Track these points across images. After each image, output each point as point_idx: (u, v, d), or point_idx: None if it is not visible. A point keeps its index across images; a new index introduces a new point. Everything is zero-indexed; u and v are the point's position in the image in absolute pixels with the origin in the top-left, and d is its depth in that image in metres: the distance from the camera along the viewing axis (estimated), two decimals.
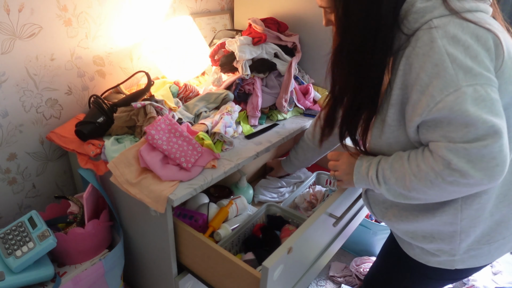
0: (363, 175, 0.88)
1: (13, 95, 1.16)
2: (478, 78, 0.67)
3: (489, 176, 0.67)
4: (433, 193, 0.76)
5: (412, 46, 0.73)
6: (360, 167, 0.89)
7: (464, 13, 0.71)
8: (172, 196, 0.96)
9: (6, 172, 1.23)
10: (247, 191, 1.44)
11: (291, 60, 1.40)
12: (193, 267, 1.08)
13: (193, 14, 1.62)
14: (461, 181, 0.69)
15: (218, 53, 1.45)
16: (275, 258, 0.84)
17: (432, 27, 0.70)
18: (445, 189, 0.73)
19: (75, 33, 1.25)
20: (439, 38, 0.69)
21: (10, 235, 1.04)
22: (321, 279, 1.75)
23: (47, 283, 1.06)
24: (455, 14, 0.71)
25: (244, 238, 1.19)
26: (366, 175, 0.87)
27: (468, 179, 0.68)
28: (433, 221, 0.85)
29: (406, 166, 0.78)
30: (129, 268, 1.32)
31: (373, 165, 0.86)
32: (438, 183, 0.72)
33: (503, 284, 1.79)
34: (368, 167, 0.87)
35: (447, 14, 0.71)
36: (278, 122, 1.40)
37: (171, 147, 1.04)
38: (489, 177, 0.68)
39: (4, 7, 1.06)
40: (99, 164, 1.13)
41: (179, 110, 1.25)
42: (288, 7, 1.52)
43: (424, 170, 0.73)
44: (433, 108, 0.69)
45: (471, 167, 0.67)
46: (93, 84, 1.37)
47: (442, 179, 0.71)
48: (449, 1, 0.72)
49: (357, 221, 1.41)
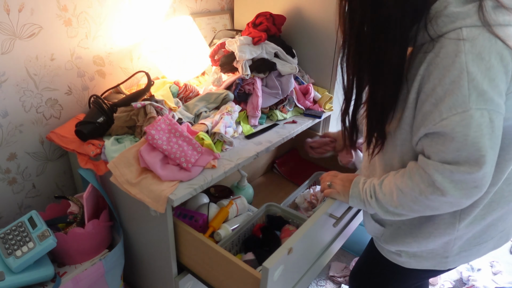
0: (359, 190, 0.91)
1: (13, 95, 1.16)
2: (488, 104, 0.67)
3: (467, 196, 0.72)
4: (417, 209, 0.79)
5: (435, 53, 0.71)
6: (358, 183, 0.93)
7: (495, 26, 0.68)
8: (172, 196, 0.96)
9: (6, 172, 1.23)
10: (247, 191, 1.44)
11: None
12: (193, 267, 1.08)
13: (193, 14, 1.62)
14: (442, 199, 0.73)
15: (218, 53, 1.45)
16: (275, 259, 0.84)
17: (460, 39, 0.68)
18: (427, 206, 0.77)
19: (75, 33, 1.25)
20: (463, 53, 0.67)
21: (10, 235, 1.04)
22: (321, 279, 1.75)
23: (47, 283, 1.06)
24: (486, 27, 0.68)
25: (244, 238, 1.18)
26: (362, 190, 0.90)
27: (447, 198, 0.72)
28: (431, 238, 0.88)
29: (393, 182, 0.81)
30: (129, 268, 1.32)
31: (368, 181, 0.89)
32: (421, 200, 0.76)
33: (503, 284, 1.79)
34: (364, 183, 0.91)
35: (478, 25, 0.68)
36: (278, 122, 1.40)
37: (171, 147, 1.04)
38: (467, 197, 0.72)
39: (4, 7, 1.06)
40: (99, 164, 1.13)
41: (179, 110, 1.25)
42: (288, 7, 1.52)
43: (410, 186, 0.76)
44: (438, 123, 0.70)
45: (452, 187, 0.71)
46: (93, 84, 1.36)
47: (425, 196, 0.75)
48: (485, 10, 0.68)
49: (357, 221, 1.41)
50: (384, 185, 0.84)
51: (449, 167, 0.70)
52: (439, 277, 1.79)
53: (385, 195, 0.83)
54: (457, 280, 1.82)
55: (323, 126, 1.66)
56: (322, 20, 1.46)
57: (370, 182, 0.89)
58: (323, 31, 1.46)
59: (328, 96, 1.50)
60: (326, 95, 1.51)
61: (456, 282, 1.81)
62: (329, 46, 1.47)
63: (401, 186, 0.79)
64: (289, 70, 1.40)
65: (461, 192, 0.71)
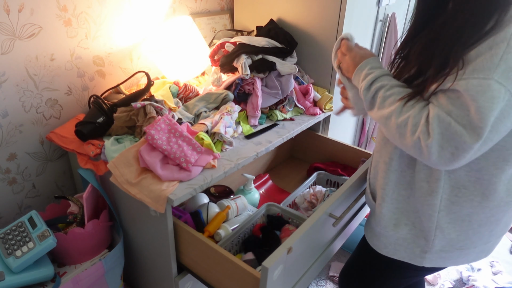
0: (359, 78, 0.88)
1: (13, 95, 1.16)
2: (510, 83, 0.66)
3: (440, 156, 0.71)
4: (392, 126, 0.78)
5: None
6: (361, 71, 0.88)
7: None
8: (172, 196, 0.96)
9: (6, 172, 1.23)
10: (253, 195, 1.44)
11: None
12: (193, 267, 1.08)
13: (193, 14, 1.63)
14: (422, 142, 0.72)
15: (218, 53, 1.45)
16: (275, 258, 0.84)
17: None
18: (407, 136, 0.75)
19: (75, 33, 1.25)
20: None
21: (10, 235, 1.04)
22: (321, 279, 1.75)
23: (47, 283, 1.06)
24: None
25: (244, 238, 1.19)
26: (361, 81, 0.87)
27: (427, 143, 0.71)
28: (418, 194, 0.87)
29: (402, 100, 0.78)
30: (129, 268, 1.32)
31: (371, 76, 0.84)
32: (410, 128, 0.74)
33: (503, 284, 1.79)
34: (366, 76, 0.86)
35: None
36: (278, 122, 1.40)
37: (171, 147, 1.04)
38: (440, 157, 0.71)
39: (4, 7, 1.06)
40: (99, 164, 1.13)
41: (179, 110, 1.25)
42: (288, 7, 1.52)
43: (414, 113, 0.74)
44: (456, 81, 0.68)
45: (438, 139, 0.70)
46: (93, 84, 1.37)
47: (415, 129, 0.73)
48: None
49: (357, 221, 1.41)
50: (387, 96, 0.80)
51: (449, 119, 0.69)
52: (439, 277, 1.79)
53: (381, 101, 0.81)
54: (457, 280, 1.82)
55: (323, 126, 1.66)
56: (322, 20, 1.46)
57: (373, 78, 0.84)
58: (323, 31, 1.46)
59: (328, 96, 1.50)
60: (326, 95, 1.51)
61: (456, 282, 1.81)
62: (329, 46, 1.47)
63: (406, 108, 0.76)
64: (289, 70, 1.40)
65: (439, 149, 0.70)
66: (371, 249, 1.01)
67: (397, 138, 0.78)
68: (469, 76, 0.67)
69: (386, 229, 0.94)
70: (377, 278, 1.07)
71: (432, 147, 0.71)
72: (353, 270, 1.16)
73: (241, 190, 1.44)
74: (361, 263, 1.12)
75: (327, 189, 1.38)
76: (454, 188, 0.82)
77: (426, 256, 0.91)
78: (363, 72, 0.87)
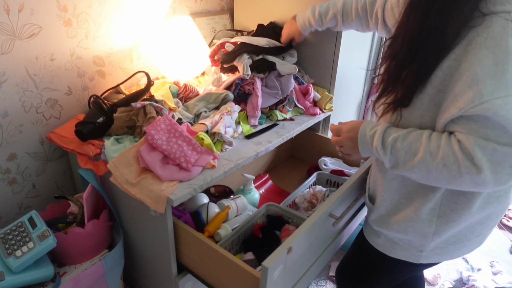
0: (368, 145, 0.86)
1: (13, 95, 1.16)
2: None
3: (497, 180, 0.69)
4: (435, 176, 0.75)
5: (478, 32, 0.68)
6: (364, 137, 0.86)
7: None
8: (172, 196, 0.96)
9: (6, 172, 1.23)
10: (253, 195, 1.44)
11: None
12: (193, 267, 1.08)
13: (193, 14, 1.63)
14: (473, 176, 0.70)
15: (218, 53, 1.45)
16: (274, 258, 0.84)
17: (509, 20, 0.66)
18: (452, 177, 0.72)
19: (75, 33, 1.25)
20: (511, 37, 0.65)
21: (10, 235, 1.04)
22: (321, 279, 1.75)
23: (47, 283, 1.06)
24: None
25: (244, 238, 1.18)
26: (371, 145, 0.85)
27: (480, 176, 0.69)
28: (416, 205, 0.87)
29: (425, 143, 0.75)
30: (129, 268, 1.32)
31: (378, 134, 0.83)
32: (451, 169, 0.71)
33: (503, 284, 1.79)
34: (373, 137, 0.84)
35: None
36: (278, 122, 1.40)
37: (170, 147, 1.04)
38: (497, 181, 0.69)
39: (4, 7, 1.06)
40: (99, 164, 1.13)
41: (179, 110, 1.25)
42: (288, 7, 1.52)
43: (446, 152, 0.72)
44: (477, 106, 0.67)
45: (489, 167, 0.68)
46: (93, 84, 1.37)
47: (457, 167, 0.71)
48: None
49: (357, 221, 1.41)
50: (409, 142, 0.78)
51: (492, 144, 0.67)
52: (439, 277, 1.79)
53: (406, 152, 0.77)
54: (457, 280, 1.82)
55: (323, 126, 1.66)
56: None
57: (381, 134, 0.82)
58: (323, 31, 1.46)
59: (328, 96, 1.50)
60: (326, 95, 1.51)
61: (456, 282, 1.81)
62: (329, 46, 1.47)
63: (433, 150, 0.73)
64: (289, 70, 1.40)
65: (495, 175, 0.68)
66: (368, 245, 1.02)
67: (445, 182, 0.75)
68: (490, 98, 0.66)
69: (383, 229, 0.96)
70: (373, 273, 1.08)
71: (486, 177, 0.68)
72: (349, 266, 1.17)
73: (241, 190, 1.44)
74: (357, 259, 1.13)
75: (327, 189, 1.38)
76: (454, 195, 0.83)
77: (422, 255, 0.93)
78: (366, 138, 0.85)
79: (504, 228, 2.20)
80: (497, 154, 0.67)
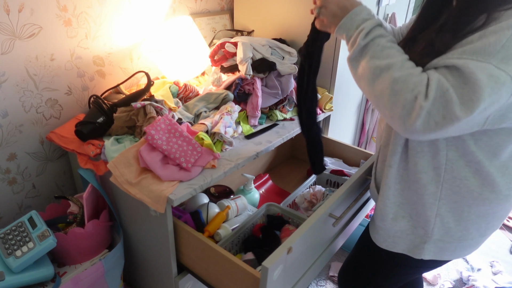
0: (354, 24, 0.80)
1: (13, 95, 1.16)
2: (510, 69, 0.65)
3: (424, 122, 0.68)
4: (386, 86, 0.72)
5: None
6: (356, 15, 0.80)
7: None
8: (172, 196, 0.96)
9: (6, 172, 1.23)
10: (253, 195, 1.44)
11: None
12: (193, 267, 1.08)
13: (193, 14, 1.63)
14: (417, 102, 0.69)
15: (218, 53, 1.45)
16: (274, 258, 0.84)
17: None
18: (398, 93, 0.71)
19: (75, 33, 1.25)
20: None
21: (10, 235, 1.04)
22: (321, 279, 1.75)
23: (47, 283, 1.06)
24: None
25: (244, 238, 1.19)
26: (357, 27, 0.79)
27: (422, 105, 0.68)
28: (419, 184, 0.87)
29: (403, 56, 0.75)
30: (129, 268, 1.32)
31: (371, 23, 0.78)
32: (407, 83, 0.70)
33: (503, 284, 1.79)
34: (365, 22, 0.79)
35: None
36: (278, 122, 1.40)
37: (171, 147, 1.04)
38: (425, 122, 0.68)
39: (4, 7, 1.06)
40: (99, 164, 1.13)
41: (179, 110, 1.25)
42: (288, 7, 1.52)
43: (415, 71, 0.71)
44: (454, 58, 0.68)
45: (431, 103, 0.67)
46: (93, 84, 1.37)
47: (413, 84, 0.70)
48: None
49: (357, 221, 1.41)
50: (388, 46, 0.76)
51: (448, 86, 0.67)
52: (439, 277, 1.79)
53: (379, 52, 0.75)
54: (457, 280, 1.82)
55: (323, 126, 1.66)
56: None
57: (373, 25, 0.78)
58: None
59: (328, 96, 1.50)
60: (326, 95, 1.51)
61: (456, 282, 1.81)
62: (329, 46, 1.47)
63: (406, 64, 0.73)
64: (289, 70, 1.40)
65: (427, 115, 0.68)
66: (370, 246, 1.01)
67: (387, 93, 0.73)
68: (468, 57, 0.67)
69: (385, 222, 0.95)
70: (375, 276, 1.08)
71: (423, 110, 0.68)
72: (351, 269, 1.17)
73: (241, 190, 1.44)
74: (359, 261, 1.13)
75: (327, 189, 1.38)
76: (456, 179, 0.83)
77: (425, 247, 0.92)
78: (359, 17, 0.80)
79: (504, 228, 2.20)
80: (445, 96, 0.66)
